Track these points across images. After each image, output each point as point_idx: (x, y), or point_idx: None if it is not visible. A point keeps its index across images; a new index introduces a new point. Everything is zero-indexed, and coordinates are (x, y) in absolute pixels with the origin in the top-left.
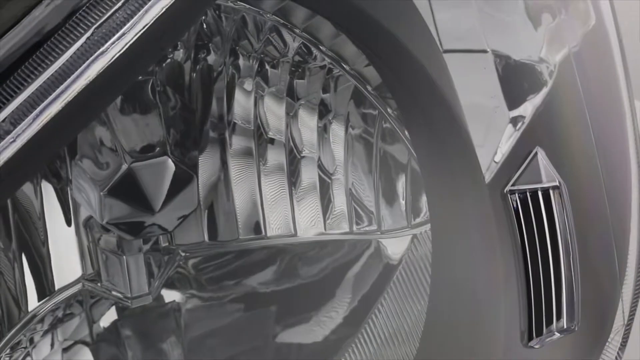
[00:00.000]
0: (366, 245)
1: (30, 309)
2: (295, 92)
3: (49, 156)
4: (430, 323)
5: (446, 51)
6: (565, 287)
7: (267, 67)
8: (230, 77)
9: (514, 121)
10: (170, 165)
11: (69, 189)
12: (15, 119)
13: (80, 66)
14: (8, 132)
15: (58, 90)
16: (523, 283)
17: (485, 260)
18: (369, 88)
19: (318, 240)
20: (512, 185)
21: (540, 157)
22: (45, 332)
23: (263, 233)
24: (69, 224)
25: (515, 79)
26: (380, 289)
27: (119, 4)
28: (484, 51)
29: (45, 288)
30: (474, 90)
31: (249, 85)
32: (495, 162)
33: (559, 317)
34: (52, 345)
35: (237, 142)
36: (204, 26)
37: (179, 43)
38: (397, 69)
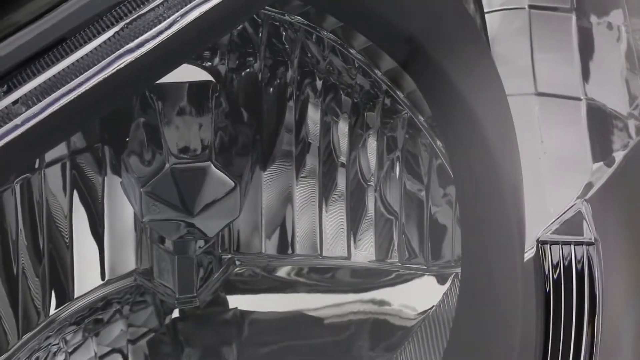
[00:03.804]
0: (413, 277)
1: (81, 290)
2: (364, 122)
3: (51, 145)
4: None
5: (540, 94)
6: (585, 349)
7: (342, 93)
8: (305, 97)
9: (594, 175)
10: (213, 171)
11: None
12: (28, 102)
13: (102, 60)
14: (17, 115)
15: (74, 82)
16: (541, 335)
17: (506, 307)
18: (422, 119)
19: (369, 267)
20: (547, 234)
21: (585, 210)
22: (114, 315)
23: (319, 252)
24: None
25: (604, 131)
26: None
27: (156, 3)
28: (578, 99)
29: (99, 273)
30: (560, 137)
31: (324, 108)
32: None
33: None
34: (121, 329)
35: (310, 162)
36: (285, 45)
37: (257, 54)
38: (448, 110)
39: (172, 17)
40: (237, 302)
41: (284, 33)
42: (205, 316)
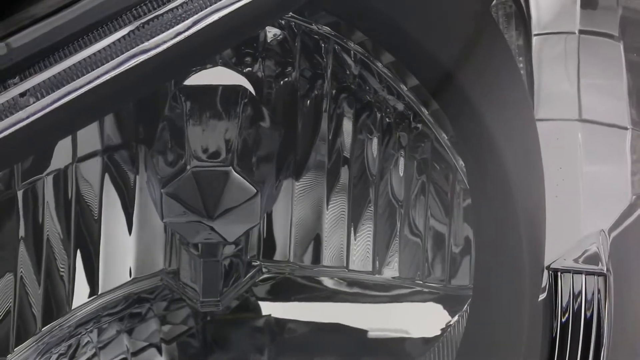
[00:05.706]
0: (432, 296)
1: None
2: (397, 142)
3: (58, 137)
4: None
5: (584, 120)
6: None
7: (376, 111)
8: (342, 111)
9: (631, 206)
10: (234, 176)
11: (146, 183)
12: (37, 94)
13: (115, 57)
14: (23, 107)
15: (83, 79)
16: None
17: (510, 335)
18: (445, 137)
19: (392, 284)
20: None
21: (602, 241)
22: (148, 312)
23: (345, 265)
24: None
25: None
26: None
27: (175, 4)
28: (624, 128)
29: (127, 271)
30: (601, 165)
31: (359, 125)
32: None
33: None
34: (156, 326)
35: (344, 176)
36: (324, 58)
37: (295, 63)
38: (467, 134)
39: (191, 19)
40: (270, 309)
41: (323, 45)
42: (237, 321)
